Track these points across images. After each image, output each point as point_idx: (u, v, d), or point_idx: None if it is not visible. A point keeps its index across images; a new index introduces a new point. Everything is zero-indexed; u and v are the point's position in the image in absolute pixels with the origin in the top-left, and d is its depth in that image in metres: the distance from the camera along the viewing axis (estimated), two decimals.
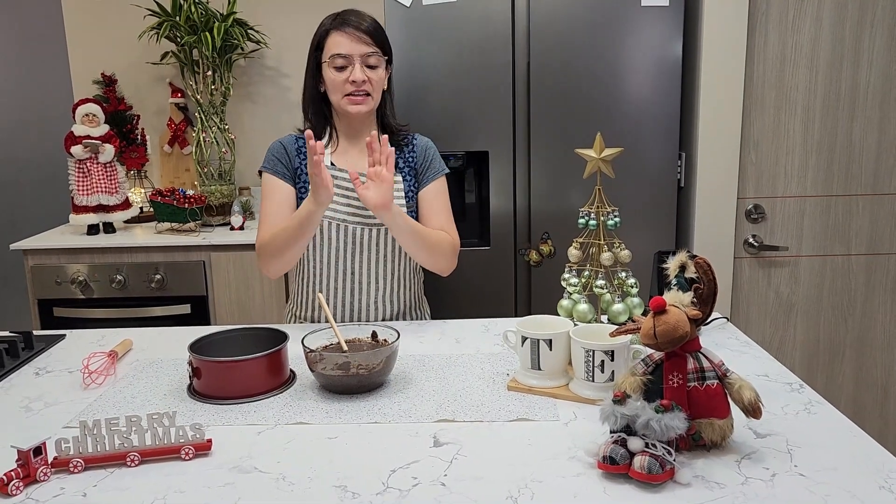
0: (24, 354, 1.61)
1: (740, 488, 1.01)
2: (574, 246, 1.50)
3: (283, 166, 1.80)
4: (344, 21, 1.72)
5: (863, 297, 2.66)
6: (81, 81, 3.29)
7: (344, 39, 1.71)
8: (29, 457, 1.07)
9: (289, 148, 1.82)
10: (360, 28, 1.71)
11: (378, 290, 1.82)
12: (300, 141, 1.83)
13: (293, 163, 1.81)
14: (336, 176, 1.76)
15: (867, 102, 2.54)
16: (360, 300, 1.81)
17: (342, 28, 1.71)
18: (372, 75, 1.72)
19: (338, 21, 1.73)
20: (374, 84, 1.74)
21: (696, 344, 1.11)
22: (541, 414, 1.25)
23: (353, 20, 1.72)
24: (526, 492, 1.01)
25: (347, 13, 1.75)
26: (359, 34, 1.70)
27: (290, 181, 1.80)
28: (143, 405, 1.34)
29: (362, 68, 1.71)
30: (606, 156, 1.47)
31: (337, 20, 1.73)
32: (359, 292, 1.81)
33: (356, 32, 1.70)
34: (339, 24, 1.72)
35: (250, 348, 1.42)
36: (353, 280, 1.80)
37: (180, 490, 1.05)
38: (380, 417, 1.26)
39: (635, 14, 2.44)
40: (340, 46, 1.71)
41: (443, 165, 1.88)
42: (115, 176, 2.86)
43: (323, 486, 1.05)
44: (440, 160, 1.88)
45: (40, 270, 2.75)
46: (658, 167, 2.54)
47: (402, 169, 1.83)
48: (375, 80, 1.74)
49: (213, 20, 2.91)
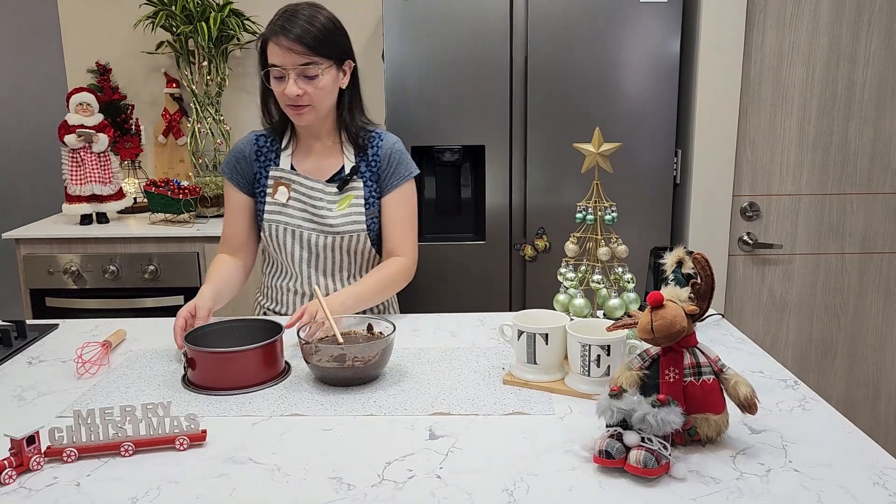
0: (17, 343, 1.60)
1: (735, 483, 1.01)
2: (571, 241, 1.50)
3: (238, 174, 1.76)
4: (279, 29, 1.58)
5: (856, 296, 2.67)
6: (75, 70, 3.27)
7: (277, 51, 1.58)
8: (22, 446, 1.06)
9: (247, 152, 1.77)
10: (297, 38, 1.57)
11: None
12: (261, 140, 1.78)
13: (252, 167, 1.77)
14: (293, 180, 1.72)
15: (863, 101, 2.54)
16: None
17: (277, 38, 1.58)
18: (310, 87, 1.61)
19: (273, 28, 1.60)
20: (315, 95, 1.62)
21: (693, 339, 1.11)
22: (536, 408, 1.25)
23: (292, 30, 1.57)
24: (521, 485, 1.01)
25: (286, 17, 1.60)
26: (292, 45, 1.57)
27: (248, 188, 1.77)
28: (138, 395, 1.34)
29: (296, 81, 1.59)
30: (605, 151, 1.47)
31: (275, 26, 1.60)
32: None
33: (290, 44, 1.57)
34: (274, 32, 1.59)
35: (245, 340, 1.42)
36: (310, 285, 1.77)
37: (174, 480, 1.04)
38: (375, 410, 1.26)
39: (633, 10, 2.44)
40: (275, 57, 1.59)
41: (410, 168, 1.77)
42: (109, 166, 2.84)
43: (318, 477, 1.04)
44: (407, 163, 1.77)
45: (33, 260, 2.73)
46: (654, 163, 2.54)
47: (363, 174, 1.74)
48: (314, 91, 1.61)
49: (209, 10, 2.90)
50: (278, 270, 1.82)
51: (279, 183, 1.73)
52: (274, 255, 1.79)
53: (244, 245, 1.79)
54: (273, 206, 1.74)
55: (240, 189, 1.77)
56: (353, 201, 1.73)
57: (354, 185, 1.74)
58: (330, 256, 1.76)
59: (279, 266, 1.81)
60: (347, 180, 1.73)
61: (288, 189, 1.72)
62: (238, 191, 1.77)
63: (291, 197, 1.72)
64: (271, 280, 1.84)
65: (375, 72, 3.16)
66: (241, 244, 1.79)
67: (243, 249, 1.79)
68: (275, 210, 1.74)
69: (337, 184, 1.73)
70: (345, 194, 1.73)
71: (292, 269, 1.78)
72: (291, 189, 1.72)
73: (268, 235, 1.75)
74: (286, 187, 1.72)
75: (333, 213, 1.72)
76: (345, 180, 1.73)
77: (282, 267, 1.80)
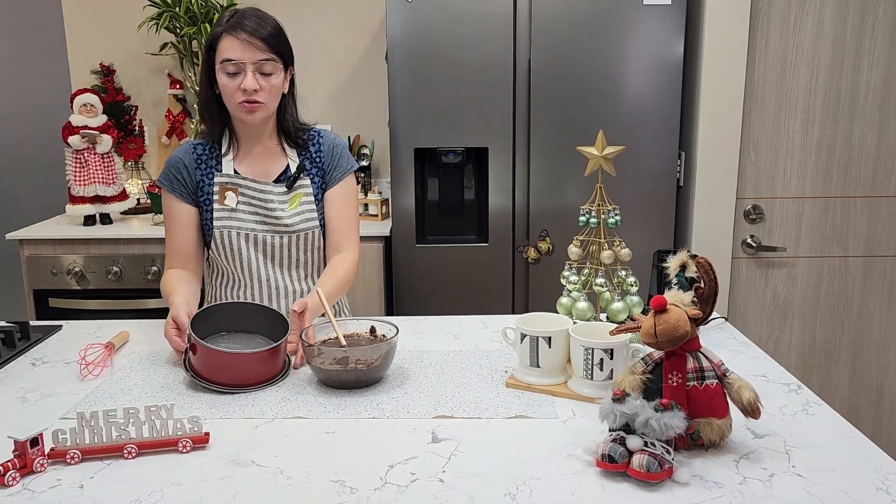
0: (21, 345, 1.61)
1: (738, 488, 1.01)
2: (574, 244, 1.50)
3: (180, 184, 1.72)
4: (237, 24, 1.60)
5: (859, 299, 2.66)
6: (79, 71, 3.27)
7: (236, 44, 1.59)
8: (26, 447, 1.06)
9: (187, 160, 1.73)
10: (255, 33, 1.59)
11: (295, 294, 1.77)
12: (199, 148, 1.75)
13: (193, 176, 1.73)
14: (240, 184, 1.70)
15: (867, 104, 2.54)
16: (278, 305, 1.76)
17: (234, 32, 1.59)
18: (265, 83, 1.62)
19: (231, 23, 1.61)
20: (268, 92, 1.63)
21: (696, 343, 1.11)
22: (539, 411, 1.25)
23: (249, 25, 1.60)
24: (524, 489, 1.01)
25: (244, 15, 1.62)
26: (252, 40, 1.59)
27: (190, 198, 1.73)
28: (141, 397, 1.34)
29: (254, 76, 1.60)
30: (608, 153, 1.47)
31: (230, 22, 1.61)
32: (276, 297, 1.76)
33: (249, 38, 1.59)
34: (232, 27, 1.60)
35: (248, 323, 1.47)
36: (269, 287, 1.75)
37: (177, 483, 1.04)
38: (378, 413, 1.26)
39: (637, 12, 2.44)
40: (232, 51, 1.59)
41: (351, 162, 1.80)
42: (113, 167, 2.84)
43: (321, 480, 1.04)
44: (348, 157, 1.80)
45: (36, 261, 2.74)
46: (657, 166, 2.54)
47: (309, 171, 1.76)
48: (268, 87, 1.63)
49: (213, 11, 2.90)
50: (227, 280, 1.79)
51: (226, 188, 1.71)
52: (224, 263, 1.75)
53: (192, 255, 1.76)
54: (222, 212, 1.71)
55: (182, 199, 1.73)
56: (303, 199, 1.73)
57: (302, 183, 1.74)
58: (286, 255, 1.75)
59: (228, 275, 1.78)
60: (295, 178, 1.73)
61: (235, 193, 1.70)
62: (180, 201, 1.73)
63: (240, 201, 1.71)
64: (220, 291, 1.81)
65: (379, 73, 3.17)
66: (189, 255, 1.75)
67: (192, 260, 1.76)
68: (224, 216, 1.71)
69: (284, 183, 1.73)
70: (294, 193, 1.73)
71: (243, 277, 1.75)
72: (239, 193, 1.70)
73: (219, 242, 1.72)
74: (233, 192, 1.70)
75: (287, 213, 1.71)
76: (293, 179, 1.73)
77: (234, 276, 1.77)
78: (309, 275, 1.80)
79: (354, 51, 3.19)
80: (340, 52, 3.19)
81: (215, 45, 1.63)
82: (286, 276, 1.77)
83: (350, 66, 3.20)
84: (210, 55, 1.65)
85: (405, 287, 2.64)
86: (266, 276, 1.75)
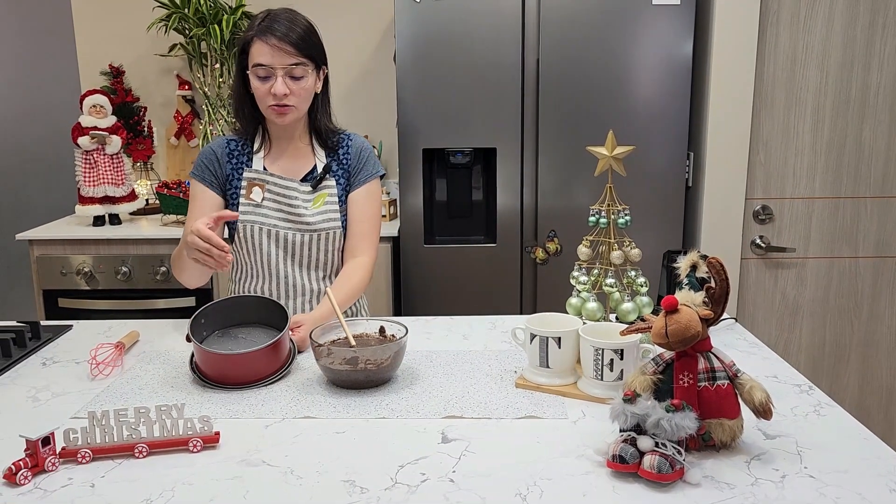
0: (32, 344, 1.61)
1: (750, 489, 1.00)
2: (584, 244, 1.50)
3: (211, 174, 1.75)
4: (268, 29, 1.62)
5: (869, 300, 2.65)
6: (89, 72, 3.29)
7: (266, 49, 1.61)
8: (37, 446, 1.06)
9: (219, 153, 1.76)
10: (285, 38, 1.61)
11: (312, 293, 1.78)
12: (232, 143, 1.77)
13: (224, 169, 1.75)
14: (267, 180, 1.72)
15: (877, 105, 2.53)
16: (295, 304, 1.77)
17: (265, 37, 1.61)
18: (295, 87, 1.64)
19: (262, 28, 1.62)
20: (299, 95, 1.65)
21: (707, 344, 1.11)
22: (549, 412, 1.25)
23: (279, 29, 1.61)
24: (535, 489, 1.01)
25: (276, 18, 1.64)
26: (282, 45, 1.60)
27: (219, 188, 1.75)
28: (151, 397, 1.34)
29: (284, 81, 1.62)
30: (618, 154, 1.46)
31: (261, 26, 1.63)
32: (294, 295, 1.77)
33: (279, 43, 1.60)
34: (263, 31, 1.62)
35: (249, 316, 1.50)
36: (286, 284, 1.76)
37: (188, 482, 1.05)
38: (387, 413, 1.26)
39: (646, 12, 2.43)
40: (262, 56, 1.61)
41: (378, 168, 1.82)
42: (122, 167, 2.86)
43: (331, 480, 1.04)
44: (375, 162, 1.82)
45: (46, 261, 2.75)
46: (666, 166, 2.53)
47: (335, 173, 1.78)
48: (299, 91, 1.65)
49: (221, 13, 2.91)
50: (249, 275, 1.79)
51: (253, 184, 1.73)
52: (246, 257, 1.77)
53: None
54: (247, 206, 1.73)
55: (211, 188, 1.75)
56: (327, 199, 1.75)
57: (327, 184, 1.76)
58: (307, 254, 1.76)
59: (250, 270, 1.79)
60: (321, 178, 1.75)
61: (262, 189, 1.72)
62: (209, 190, 1.74)
63: (266, 197, 1.72)
64: (243, 286, 1.82)
65: (387, 74, 3.17)
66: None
67: None
68: (249, 210, 1.73)
69: (311, 182, 1.74)
70: (319, 192, 1.75)
71: (265, 272, 1.76)
72: (266, 189, 1.72)
73: (242, 237, 1.74)
74: (260, 188, 1.73)
75: (310, 212, 1.73)
76: (319, 178, 1.75)
77: (253, 271, 1.78)
78: (327, 276, 1.81)
79: (363, 52, 3.19)
80: (349, 53, 3.19)
81: (247, 49, 1.66)
82: (304, 275, 1.77)
83: (358, 66, 3.20)
84: (242, 58, 1.67)
85: (413, 287, 2.64)
86: (285, 273, 1.76)
